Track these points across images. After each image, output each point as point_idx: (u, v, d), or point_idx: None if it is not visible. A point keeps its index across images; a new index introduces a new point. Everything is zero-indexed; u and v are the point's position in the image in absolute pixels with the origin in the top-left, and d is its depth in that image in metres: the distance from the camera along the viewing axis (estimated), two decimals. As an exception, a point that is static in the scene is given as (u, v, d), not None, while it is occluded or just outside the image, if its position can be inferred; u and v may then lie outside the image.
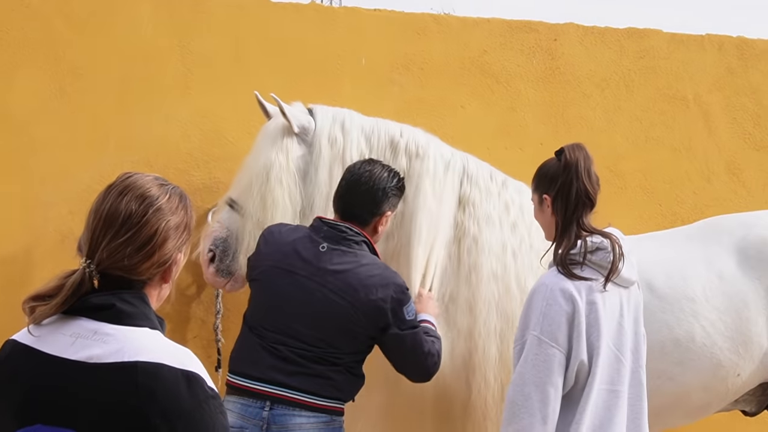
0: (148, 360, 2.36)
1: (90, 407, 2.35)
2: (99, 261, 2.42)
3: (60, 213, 5.14)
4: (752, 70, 6.29)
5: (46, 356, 2.39)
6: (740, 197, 5.91)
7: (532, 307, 3.93)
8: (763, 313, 4.88)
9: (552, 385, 3.83)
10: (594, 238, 3.97)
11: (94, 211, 2.45)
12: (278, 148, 4.58)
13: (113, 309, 2.42)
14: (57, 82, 5.25)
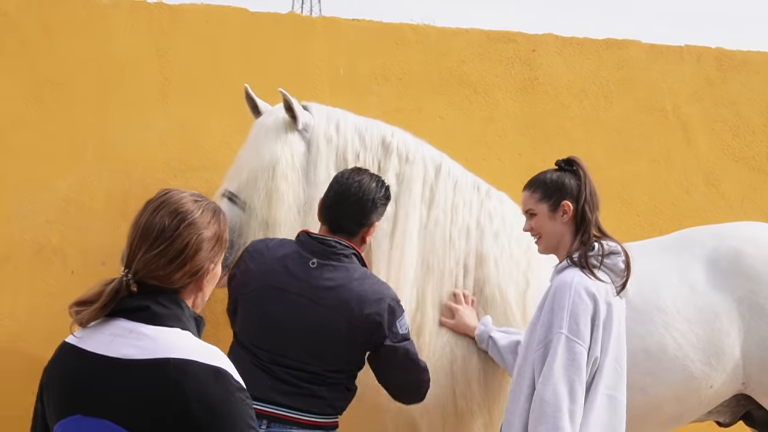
0: (179, 357, 2.55)
1: (125, 400, 2.54)
2: (135, 271, 2.63)
3: (37, 222, 5.19)
4: (731, 82, 6.37)
5: (86, 353, 2.60)
6: (719, 208, 5.99)
7: (558, 307, 3.99)
8: (735, 324, 4.97)
9: (580, 383, 3.91)
10: (610, 242, 4.12)
11: (134, 225, 2.67)
12: (282, 142, 4.62)
13: (148, 311, 2.63)
14: (34, 91, 5.29)
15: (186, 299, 2.74)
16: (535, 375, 4.00)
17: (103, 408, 2.54)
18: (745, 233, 5.24)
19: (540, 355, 3.98)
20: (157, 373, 2.55)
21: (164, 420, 2.56)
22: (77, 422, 2.59)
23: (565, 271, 4.10)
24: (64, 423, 2.62)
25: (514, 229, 4.98)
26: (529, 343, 4.13)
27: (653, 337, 4.83)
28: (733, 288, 5.00)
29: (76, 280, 5.13)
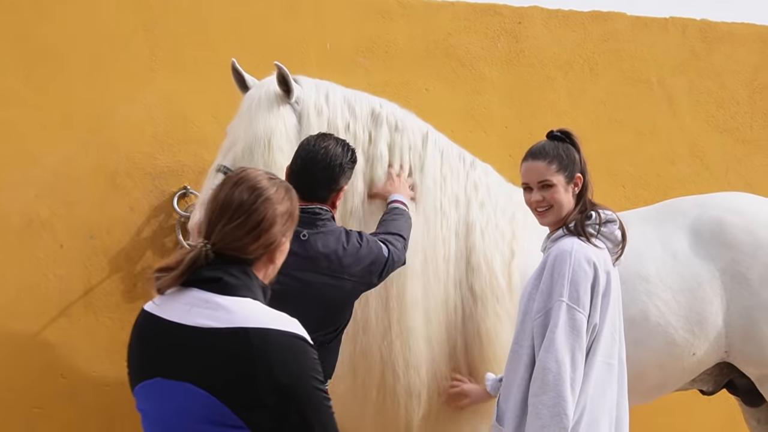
0: (257, 326, 2.74)
1: (205, 365, 2.72)
2: (214, 242, 2.84)
3: (26, 196, 5.25)
4: (716, 53, 6.47)
5: (166, 322, 2.78)
6: (703, 179, 6.08)
7: (558, 274, 4.01)
8: (717, 293, 5.04)
9: (580, 350, 3.94)
10: (606, 211, 4.16)
11: (212, 199, 2.90)
12: (276, 115, 4.67)
13: (220, 282, 2.81)
14: (22, 66, 5.31)
15: (258, 271, 2.92)
16: (535, 343, 4.03)
17: (183, 372, 2.71)
18: (728, 203, 5.30)
19: (540, 323, 4.01)
20: (237, 341, 2.72)
21: (245, 383, 2.72)
22: (158, 384, 2.76)
23: (563, 239, 4.12)
24: (145, 385, 2.80)
25: (498, 199, 5.09)
26: (527, 311, 4.15)
27: (636, 306, 4.89)
28: (716, 257, 5.08)
29: (65, 253, 5.24)
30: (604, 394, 4.11)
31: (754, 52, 6.56)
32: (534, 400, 3.93)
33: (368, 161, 4.80)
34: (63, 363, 5.31)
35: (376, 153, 4.84)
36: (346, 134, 4.74)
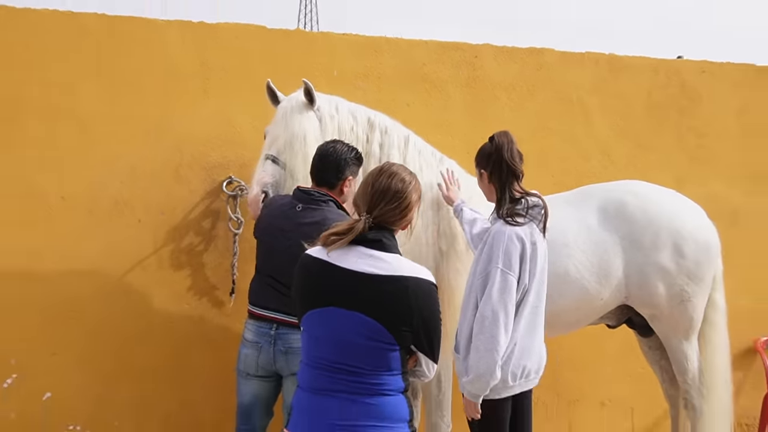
0: (410, 275, 3.01)
1: (372, 300, 2.95)
2: (375, 216, 3.07)
3: (114, 184, 5.26)
4: (620, 79, 6.47)
5: (340, 268, 2.99)
6: (609, 172, 6.08)
7: (495, 248, 4.08)
8: (618, 255, 5.13)
9: (511, 303, 4.03)
10: (533, 198, 4.21)
11: (372, 184, 3.13)
12: (307, 118, 4.74)
13: (381, 242, 3.06)
14: (111, 91, 5.31)
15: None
16: (478, 297, 4.10)
17: (354, 304, 2.94)
18: (627, 188, 5.36)
19: (480, 283, 4.08)
20: (397, 284, 2.97)
21: (399, 313, 2.96)
22: (331, 311, 2.97)
23: (498, 222, 4.21)
24: (318, 311, 3.00)
25: (460, 185, 5.10)
26: (473, 274, 4.24)
27: (561, 265, 4.98)
28: (618, 228, 5.16)
29: (142, 226, 5.27)
30: (534, 330, 4.21)
31: (648, 79, 6.58)
32: (474, 338, 4.04)
33: (366, 155, 4.83)
34: (141, 304, 5.31)
35: (371, 150, 4.93)
36: (351, 135, 4.85)
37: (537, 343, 4.26)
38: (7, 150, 5.13)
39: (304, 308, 3.06)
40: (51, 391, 5.14)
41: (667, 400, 5.75)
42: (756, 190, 6.80)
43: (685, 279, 5.17)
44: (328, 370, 2.96)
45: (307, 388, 3.02)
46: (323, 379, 2.96)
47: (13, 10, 5.17)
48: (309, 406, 2.99)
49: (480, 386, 4.01)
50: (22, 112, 5.15)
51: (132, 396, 5.29)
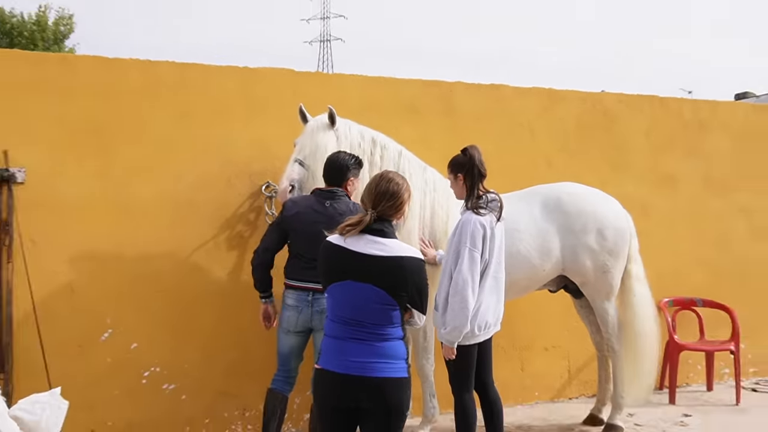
0: (406, 255, 3.16)
1: (378, 274, 3.10)
2: (378, 211, 3.20)
3: (185, 190, 5.35)
4: (558, 107, 6.67)
5: (353, 252, 3.14)
6: (552, 177, 6.05)
7: (464, 232, 4.27)
8: (556, 238, 5.33)
9: (477, 273, 4.24)
10: (491, 195, 4.40)
11: (375, 187, 3.25)
12: (328, 134, 4.89)
13: (383, 231, 3.19)
14: (181, 122, 5.39)
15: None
16: (451, 268, 4.28)
17: (366, 277, 3.10)
18: (563, 188, 5.56)
19: (453, 258, 4.26)
20: (396, 262, 3.12)
21: (397, 282, 3.11)
22: (349, 284, 3.12)
23: (467, 212, 4.39)
24: (339, 284, 3.15)
25: (438, 186, 5.24)
26: (448, 252, 4.38)
27: (514, 246, 5.12)
28: (556, 218, 5.37)
29: (205, 219, 5.36)
30: (493, 293, 4.43)
31: (579, 106, 6.77)
32: (450, 300, 4.26)
33: (369, 164, 4.95)
34: (204, 277, 5.39)
35: (373, 160, 5.05)
36: (359, 149, 4.99)
37: (495, 303, 4.44)
38: (105, 167, 5.20)
39: (328, 281, 3.20)
40: (137, 342, 5.22)
41: (594, 345, 5.94)
42: (660, 190, 7.03)
43: (607, 255, 5.38)
44: (347, 324, 3.11)
45: (332, 336, 3.17)
46: (344, 330, 3.12)
47: (106, 60, 5.26)
48: (334, 348, 3.14)
49: (455, 335, 4.22)
50: (115, 139, 5.23)
51: (198, 347, 5.35)
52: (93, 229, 5.18)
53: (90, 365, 5.14)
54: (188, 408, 5.39)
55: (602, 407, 5.89)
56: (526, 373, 6.54)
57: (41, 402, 3.33)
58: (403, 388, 3.14)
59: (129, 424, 5.25)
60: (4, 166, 4.94)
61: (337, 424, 3.15)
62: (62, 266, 5.10)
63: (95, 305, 5.17)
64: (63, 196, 5.11)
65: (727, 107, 7.58)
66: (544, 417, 6.14)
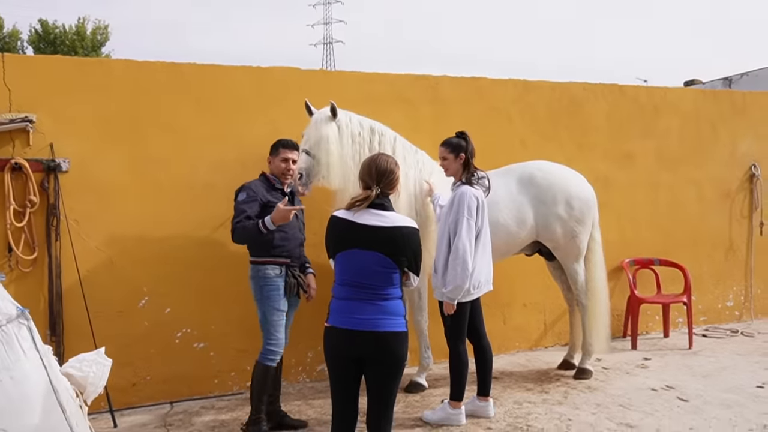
0: (403, 225, 3.16)
1: (381, 242, 3.10)
2: (381, 188, 3.20)
3: (203, 173, 5.27)
4: (531, 95, 6.60)
5: (358, 224, 3.14)
6: (525, 155, 6.07)
7: (461, 203, 4.31)
8: (530, 209, 5.32)
9: (473, 239, 4.30)
10: (480, 172, 4.50)
11: (376, 167, 3.23)
12: (330, 126, 4.77)
13: (383, 205, 3.19)
14: (202, 113, 5.33)
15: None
16: (450, 235, 4.34)
17: (371, 245, 3.11)
18: (536, 165, 5.54)
19: (453, 227, 4.31)
20: (396, 231, 3.13)
21: (398, 248, 3.11)
22: (355, 252, 3.13)
23: (462, 186, 4.43)
24: (346, 252, 3.15)
25: (426, 167, 5.20)
26: (445, 221, 4.42)
27: (493, 216, 5.08)
28: (530, 192, 5.36)
29: (222, 199, 5.06)
30: (484, 256, 4.49)
31: (548, 94, 6.71)
32: (451, 262, 4.28)
33: (369, 150, 4.85)
34: (223, 250, 5.26)
35: (372, 146, 4.93)
36: (359, 137, 4.90)
37: (486, 265, 4.48)
38: (137, 155, 5.18)
39: (336, 250, 3.18)
40: (170, 308, 5.24)
41: (565, 301, 6.00)
42: (620, 166, 7.02)
43: (574, 223, 5.39)
44: (354, 286, 3.11)
45: (340, 297, 3.15)
46: (351, 291, 3.11)
47: (137, 62, 5.23)
48: (342, 308, 3.12)
49: (456, 293, 4.27)
50: (146, 130, 5.20)
51: (221, 310, 5.34)
52: (128, 210, 5.19)
53: (130, 328, 5.18)
54: (216, 363, 5.43)
55: (574, 354, 5.96)
56: (508, 326, 6.57)
57: (88, 360, 3.34)
58: (403, 341, 3.14)
59: (165, 378, 5.29)
60: (50, 157, 4.97)
61: (346, 373, 3.15)
62: (102, 243, 5.13)
63: (132, 276, 5.20)
64: (101, 181, 5.13)
65: (677, 93, 7.56)
66: (524, 363, 6.20)
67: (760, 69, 20.40)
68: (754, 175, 7.74)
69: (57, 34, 30.02)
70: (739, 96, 7.85)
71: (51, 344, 4.58)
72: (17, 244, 4.81)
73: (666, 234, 7.31)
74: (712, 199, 7.62)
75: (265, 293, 4.39)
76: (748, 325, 7.57)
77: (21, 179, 4.84)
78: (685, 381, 5.52)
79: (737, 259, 7.77)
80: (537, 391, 5.32)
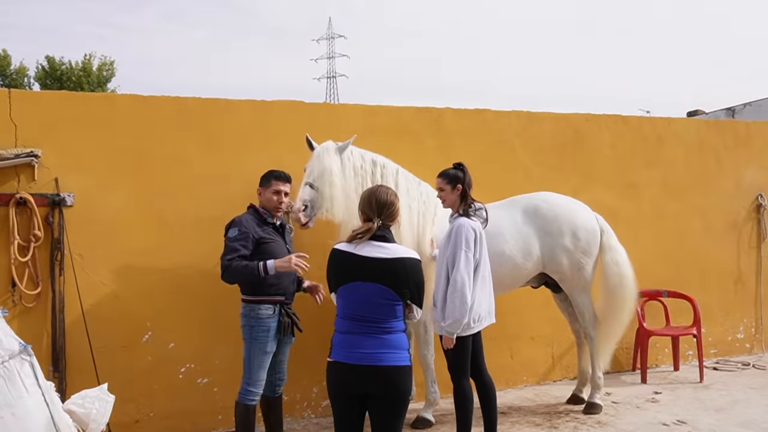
0: (405, 256, 3.15)
1: (382, 274, 3.08)
2: (381, 219, 3.20)
3: (210, 207, 5.26)
4: (535, 127, 6.63)
5: (360, 256, 3.12)
6: (530, 186, 6.06)
7: (459, 235, 4.27)
8: (536, 241, 5.33)
9: (471, 272, 4.24)
10: (477, 204, 4.47)
11: (376, 199, 3.24)
12: (333, 159, 4.84)
13: (384, 237, 3.19)
14: (208, 147, 5.35)
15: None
16: (449, 268, 4.28)
17: (372, 277, 3.09)
18: (541, 197, 5.56)
19: (451, 259, 4.26)
20: (398, 263, 3.12)
21: (400, 279, 3.10)
22: (357, 284, 3.10)
23: (459, 218, 4.39)
24: (348, 285, 3.12)
25: (430, 198, 5.17)
26: (443, 254, 4.39)
27: (499, 247, 5.14)
28: (535, 223, 5.37)
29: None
30: (483, 289, 4.38)
31: (553, 126, 6.74)
32: (449, 296, 4.24)
33: (372, 182, 4.87)
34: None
35: (374, 179, 4.95)
36: (361, 170, 4.96)
37: (486, 298, 4.43)
38: (138, 186, 5.19)
39: (338, 283, 3.17)
40: (174, 343, 5.22)
41: (573, 333, 5.94)
42: (625, 196, 7.02)
43: (581, 254, 5.39)
44: (356, 320, 3.09)
45: (343, 331, 3.14)
46: (353, 325, 3.09)
47: (142, 97, 5.27)
48: (345, 342, 3.10)
49: (455, 327, 4.20)
50: (150, 164, 5.22)
51: (225, 345, 5.24)
52: (132, 244, 5.19)
53: (133, 363, 5.16)
54: (220, 398, 5.36)
55: (583, 387, 5.90)
56: (515, 360, 6.51)
57: (90, 396, 3.33)
58: (408, 375, 3.11)
59: (168, 414, 5.25)
60: (55, 192, 5.00)
61: (350, 410, 3.12)
62: (106, 277, 5.13)
63: (136, 310, 5.18)
64: (105, 215, 5.14)
65: (680, 123, 7.59)
66: (532, 398, 6.13)
67: (762, 99, 20.47)
68: (761, 205, 7.72)
69: (63, 70, 30.48)
70: (743, 126, 7.87)
71: (54, 380, 4.56)
72: (21, 279, 4.81)
73: (673, 265, 7.26)
74: (720, 230, 7.59)
75: (254, 334, 4.32)
76: (760, 358, 7.49)
77: (26, 214, 4.87)
78: (697, 415, 5.45)
79: (746, 291, 7.71)
80: (546, 426, 5.26)
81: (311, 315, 5.14)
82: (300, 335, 4.64)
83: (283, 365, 4.54)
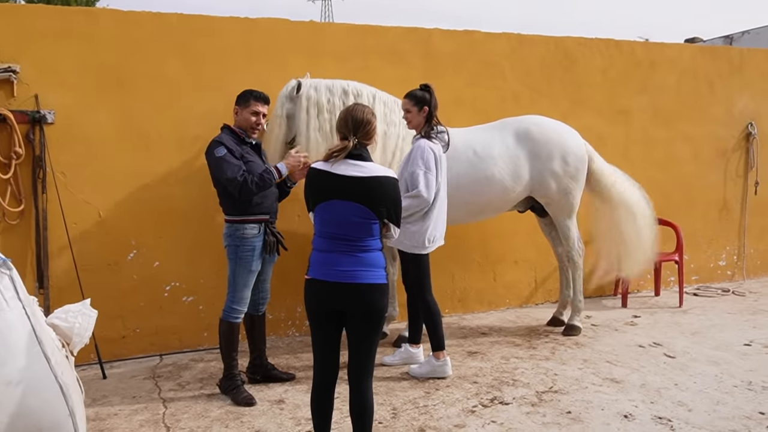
0: (381, 174, 3.11)
1: (358, 192, 3.05)
2: (357, 138, 3.14)
3: (192, 125, 5.19)
4: (524, 49, 6.52)
5: (336, 174, 3.09)
6: (519, 110, 6.11)
7: (419, 156, 4.32)
8: (526, 163, 5.32)
9: (432, 191, 4.30)
10: (441, 127, 4.47)
11: (352, 118, 3.18)
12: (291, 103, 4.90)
13: (361, 155, 3.14)
14: (190, 65, 5.25)
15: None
16: (408, 186, 4.32)
17: (348, 195, 3.06)
18: (531, 119, 5.54)
19: (410, 178, 4.34)
20: (375, 181, 3.08)
21: (378, 198, 3.07)
22: (334, 203, 3.08)
23: (421, 139, 4.44)
24: (326, 204, 3.10)
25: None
26: (402, 172, 4.40)
27: (489, 170, 5.17)
28: (525, 146, 5.35)
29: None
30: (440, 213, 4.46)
31: (543, 49, 6.64)
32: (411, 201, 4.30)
33: None
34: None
35: None
36: (328, 105, 4.88)
37: (441, 222, 4.52)
38: (123, 106, 5.13)
39: (315, 201, 3.15)
40: (158, 261, 5.26)
41: (556, 258, 6.00)
42: (614, 122, 6.98)
43: (569, 179, 5.40)
44: (334, 239, 3.08)
45: (320, 249, 3.13)
46: (331, 244, 3.08)
47: (123, 12, 5.16)
48: (322, 260, 3.10)
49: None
50: (132, 81, 5.14)
51: (210, 263, 5.31)
52: (115, 162, 5.17)
53: (119, 281, 5.21)
54: (206, 316, 5.44)
55: (563, 310, 6.01)
56: (498, 283, 6.60)
57: (73, 311, 3.34)
58: (383, 293, 3.13)
59: (155, 330, 5.34)
60: (35, 109, 4.93)
61: (327, 327, 3.16)
62: (90, 195, 5.12)
63: (121, 229, 5.19)
64: (87, 133, 5.09)
65: (675, 49, 7.46)
66: (514, 320, 6.23)
67: (761, 27, 20.12)
68: (751, 134, 7.71)
69: (49, -15, 29.62)
70: (737, 53, 7.76)
71: (39, 297, 4.60)
72: (3, 196, 4.81)
73: (660, 191, 7.20)
74: (708, 158, 7.60)
75: (239, 253, 4.29)
76: (740, 285, 7.64)
77: (6, 131, 4.81)
78: (673, 338, 5.58)
79: (731, 219, 7.79)
80: (525, 347, 5.37)
81: (296, 235, 5.18)
82: (285, 255, 4.67)
83: (266, 284, 4.57)
